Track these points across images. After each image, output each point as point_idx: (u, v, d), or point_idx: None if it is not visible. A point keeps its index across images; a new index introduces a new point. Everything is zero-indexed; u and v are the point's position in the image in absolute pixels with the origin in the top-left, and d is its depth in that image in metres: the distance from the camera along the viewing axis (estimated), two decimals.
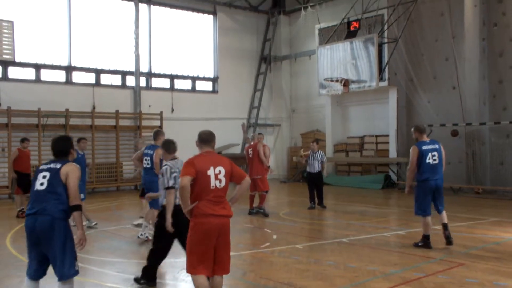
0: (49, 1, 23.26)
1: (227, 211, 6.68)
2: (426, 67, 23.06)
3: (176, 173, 8.22)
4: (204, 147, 6.85)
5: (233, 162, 6.91)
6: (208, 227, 6.49)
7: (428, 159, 11.05)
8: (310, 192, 17.55)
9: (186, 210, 6.55)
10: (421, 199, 11.06)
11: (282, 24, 30.80)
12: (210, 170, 6.54)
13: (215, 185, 6.55)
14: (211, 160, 6.66)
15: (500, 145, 20.97)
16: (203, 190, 6.50)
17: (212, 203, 6.52)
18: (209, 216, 6.49)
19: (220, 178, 6.58)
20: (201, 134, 6.94)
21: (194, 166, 6.48)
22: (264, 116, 30.58)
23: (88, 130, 23.27)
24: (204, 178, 6.50)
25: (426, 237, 11.03)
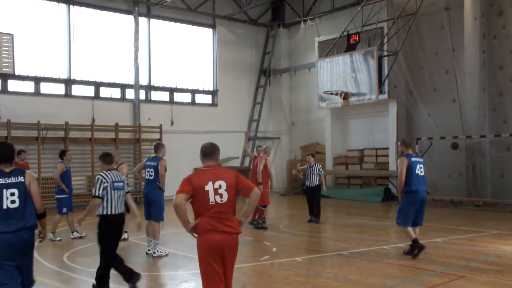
0: (48, 14, 23.32)
1: (232, 227, 6.16)
2: (426, 79, 23.10)
3: (107, 183, 8.75)
4: (206, 160, 6.43)
5: (240, 175, 6.44)
6: (211, 244, 6.03)
7: (417, 171, 11.44)
8: (309, 206, 17.49)
9: (188, 229, 6.23)
10: (407, 210, 11.35)
11: (282, 37, 30.85)
12: (209, 185, 6.11)
13: (215, 200, 6.10)
14: (211, 174, 6.22)
15: (501, 158, 20.95)
16: (203, 206, 6.11)
17: (213, 219, 6.08)
18: (211, 232, 6.06)
19: (220, 193, 6.12)
20: (202, 147, 6.52)
21: (190, 183, 6.11)
22: (263, 129, 30.56)
23: (88, 143, 23.24)
24: (202, 194, 6.10)
25: (414, 241, 11.25)
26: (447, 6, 22.42)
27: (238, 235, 6.23)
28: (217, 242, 6.03)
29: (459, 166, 22.10)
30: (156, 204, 11.98)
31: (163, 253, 11.84)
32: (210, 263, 6.03)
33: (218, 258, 6.06)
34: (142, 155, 24.44)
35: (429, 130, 22.83)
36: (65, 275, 9.97)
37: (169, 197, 13.55)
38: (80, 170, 23.20)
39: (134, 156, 25.02)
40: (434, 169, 22.87)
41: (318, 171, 17.29)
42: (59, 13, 23.61)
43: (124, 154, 24.20)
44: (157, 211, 11.98)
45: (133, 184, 24.33)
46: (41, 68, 23.07)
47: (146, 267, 10.86)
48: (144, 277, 9.99)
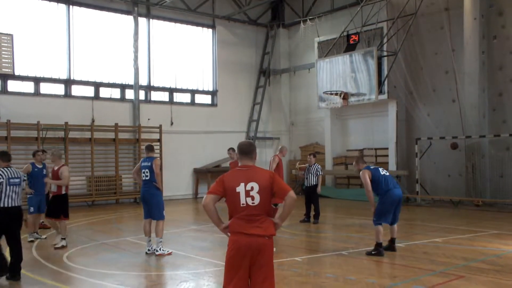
0: (48, 15, 23.32)
1: (263, 230, 5.91)
2: (426, 80, 23.12)
3: (3, 179, 9.58)
4: (244, 160, 6.26)
5: (276, 176, 6.18)
6: (238, 246, 5.84)
7: (382, 171, 11.82)
8: (306, 206, 17.50)
9: (221, 228, 6.06)
10: (386, 208, 11.58)
11: (281, 37, 30.85)
12: (240, 186, 5.92)
13: (246, 203, 5.90)
14: (244, 175, 6.03)
15: (500, 158, 20.96)
16: (234, 207, 5.95)
17: (244, 221, 5.90)
18: (239, 234, 5.88)
19: (252, 195, 5.91)
20: (240, 145, 6.37)
21: (222, 184, 5.98)
22: (263, 129, 30.55)
23: (88, 143, 23.25)
24: (233, 196, 5.93)
25: (379, 245, 11.52)
26: (447, 6, 22.44)
27: (270, 237, 5.99)
28: (245, 244, 5.84)
29: (459, 166, 22.12)
30: (153, 203, 12.00)
31: (166, 252, 11.84)
32: (234, 262, 5.86)
33: (246, 260, 5.85)
34: (142, 156, 24.41)
35: (429, 130, 22.86)
36: (65, 274, 9.98)
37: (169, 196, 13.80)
38: (80, 171, 23.23)
39: (133, 156, 25.00)
40: (433, 169, 22.94)
41: (316, 171, 17.28)
42: (58, 14, 23.61)
43: (123, 154, 24.24)
44: (156, 210, 12.00)
45: (132, 184, 24.34)
46: (41, 68, 23.06)
47: (146, 266, 10.86)
48: (143, 277, 10.01)
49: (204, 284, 9.31)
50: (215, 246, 13.15)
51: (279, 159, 15.28)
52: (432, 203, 22.53)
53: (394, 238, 11.91)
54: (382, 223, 11.61)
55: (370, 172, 11.64)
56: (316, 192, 17.21)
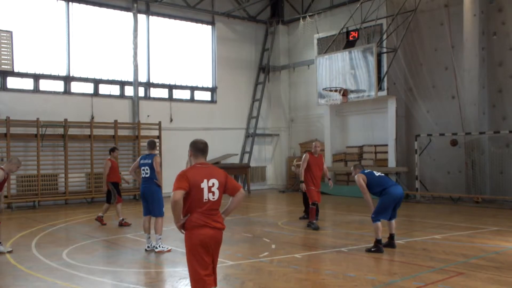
0: (48, 12, 23.30)
1: (220, 224, 6.38)
2: (425, 76, 23.11)
3: None
4: (201, 157, 6.53)
5: (228, 174, 6.62)
6: (202, 238, 6.21)
7: (376, 174, 11.93)
8: (304, 203, 17.49)
9: (179, 224, 6.30)
10: (386, 206, 11.61)
11: (281, 34, 30.84)
12: (204, 183, 6.26)
13: (208, 198, 6.28)
14: (205, 172, 6.36)
15: (500, 154, 20.95)
16: (196, 203, 6.24)
17: (205, 215, 6.25)
18: (203, 227, 6.22)
19: (213, 191, 6.31)
20: (196, 143, 6.59)
21: (187, 179, 6.20)
22: (262, 126, 30.56)
23: (87, 140, 23.25)
24: (197, 191, 6.23)
25: (378, 242, 11.57)
26: (447, 2, 22.43)
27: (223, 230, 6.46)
28: (208, 237, 6.23)
29: (458, 163, 22.11)
30: (154, 200, 12.04)
31: (166, 249, 11.85)
32: (201, 255, 6.22)
33: (207, 251, 6.25)
34: (141, 152, 24.42)
35: (428, 126, 22.85)
36: (64, 271, 9.97)
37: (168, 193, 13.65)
38: (80, 167, 23.24)
39: (133, 153, 25.01)
40: (433, 166, 22.94)
41: None
42: (58, 10, 23.58)
43: (123, 151, 24.23)
44: (156, 207, 12.04)
45: (131, 181, 24.35)
46: (40, 65, 23.05)
47: (145, 263, 10.86)
48: (143, 274, 10.01)
49: None
50: None
51: (310, 156, 15.26)
52: (432, 200, 22.53)
53: (393, 234, 11.92)
54: (381, 219, 11.62)
55: (364, 176, 11.68)
56: None
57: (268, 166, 31.02)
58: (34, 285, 9.11)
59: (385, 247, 11.62)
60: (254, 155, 29.87)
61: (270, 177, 31.05)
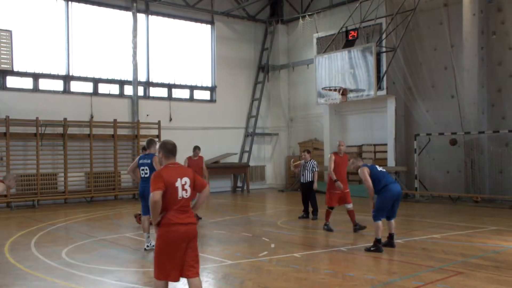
0: (47, 11, 23.29)
1: (192, 219, 6.88)
2: (425, 76, 23.11)
3: None
4: (171, 158, 7.02)
5: (194, 172, 7.15)
6: (177, 235, 6.66)
7: (378, 168, 11.98)
8: (304, 202, 17.51)
9: (156, 222, 6.71)
10: (386, 203, 11.63)
11: (280, 33, 30.84)
12: (178, 182, 6.76)
13: (182, 196, 6.78)
14: (178, 171, 6.86)
15: (499, 154, 20.94)
16: (172, 201, 6.71)
17: (179, 212, 6.73)
18: (177, 225, 6.68)
19: (186, 189, 6.82)
20: (166, 144, 7.07)
21: (162, 180, 6.66)
22: (262, 125, 30.56)
23: (86, 139, 23.25)
24: (172, 190, 6.71)
25: (378, 241, 11.56)
26: (446, 2, 22.43)
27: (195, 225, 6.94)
28: (183, 233, 6.69)
29: (458, 162, 22.11)
30: None
31: (152, 247, 11.85)
32: (173, 250, 6.67)
33: (183, 247, 6.70)
34: (141, 152, 24.42)
35: (428, 126, 22.85)
36: (64, 271, 9.97)
37: None
38: (79, 167, 23.24)
39: (132, 152, 25.01)
40: (432, 165, 22.93)
41: (312, 168, 17.26)
42: (57, 10, 23.57)
43: (122, 150, 24.24)
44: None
45: (131, 180, 24.34)
46: (40, 64, 23.05)
47: (144, 263, 10.85)
48: (141, 273, 10.01)
49: (202, 280, 9.28)
50: (213, 242, 13.15)
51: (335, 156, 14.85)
52: (431, 199, 22.54)
53: (392, 233, 11.93)
54: (381, 219, 11.62)
55: (368, 170, 11.67)
56: (313, 189, 17.19)
57: (268, 165, 31.02)
58: (34, 284, 9.12)
59: (385, 246, 11.63)
60: (254, 154, 29.87)
61: (269, 177, 31.05)
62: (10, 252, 11.97)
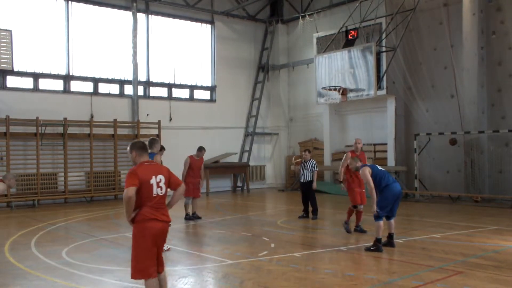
0: (47, 11, 23.29)
1: (167, 217, 7.09)
2: (425, 75, 23.12)
3: None
4: (144, 155, 7.18)
5: (170, 170, 7.36)
6: (153, 231, 6.86)
7: (379, 167, 12.01)
8: (303, 202, 17.50)
9: (130, 218, 6.87)
10: (387, 202, 11.63)
11: (280, 33, 30.85)
12: (153, 179, 6.93)
13: (157, 193, 6.96)
14: (153, 169, 7.04)
15: (499, 154, 20.96)
16: (147, 198, 6.88)
17: (154, 209, 6.91)
18: (153, 220, 6.86)
19: (161, 186, 7.01)
20: (137, 143, 7.25)
21: (137, 177, 6.81)
22: (262, 125, 30.56)
23: (86, 138, 23.24)
24: (147, 187, 6.87)
25: (378, 241, 11.56)
26: (446, 1, 22.44)
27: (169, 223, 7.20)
28: (158, 229, 6.91)
29: (458, 162, 22.12)
30: None
31: (165, 248, 11.85)
32: (149, 246, 6.85)
33: (154, 242, 6.89)
34: None
35: (428, 126, 22.86)
36: (64, 270, 9.97)
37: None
38: (79, 166, 23.24)
39: None
40: (432, 165, 22.94)
41: (311, 167, 17.25)
42: (57, 9, 23.57)
43: (122, 150, 24.22)
44: None
45: None
46: (40, 64, 23.04)
47: None
48: None
49: (203, 280, 9.32)
50: (213, 242, 13.16)
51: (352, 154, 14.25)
52: (431, 199, 22.54)
53: (392, 233, 11.93)
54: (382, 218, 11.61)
55: (370, 169, 11.66)
56: (312, 188, 17.18)
57: (267, 165, 31.03)
58: (34, 284, 9.12)
59: (384, 246, 11.63)
60: (254, 154, 29.87)
61: (269, 176, 31.04)
62: (10, 251, 11.98)
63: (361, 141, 14.99)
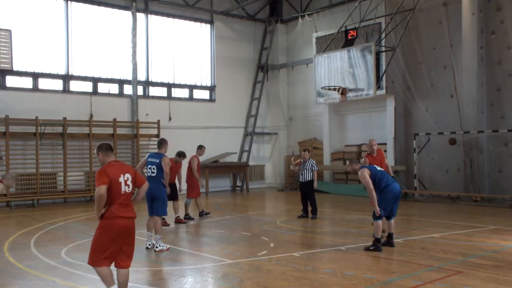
0: (47, 10, 23.28)
1: (133, 213, 7.51)
2: (424, 75, 23.13)
3: None
4: (111, 155, 7.62)
5: (135, 169, 7.91)
6: (118, 227, 7.25)
7: (378, 168, 12.01)
8: (303, 201, 17.49)
9: (99, 215, 7.26)
10: (387, 202, 11.62)
11: (279, 32, 30.85)
12: (121, 177, 7.38)
13: (125, 190, 7.40)
14: (120, 168, 7.49)
15: (498, 153, 20.97)
16: (115, 195, 7.29)
17: (122, 206, 7.34)
18: (120, 218, 7.27)
19: (128, 184, 7.47)
20: (102, 145, 7.66)
21: (107, 175, 7.23)
22: (261, 125, 30.56)
23: (86, 138, 23.23)
24: (116, 185, 7.31)
25: (378, 240, 11.57)
26: (445, 1, 22.45)
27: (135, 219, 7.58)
28: (123, 226, 7.31)
29: (457, 162, 22.13)
30: (160, 199, 12.17)
31: (165, 248, 11.87)
32: (113, 241, 7.26)
33: (122, 239, 7.32)
34: (140, 151, 24.49)
35: (427, 125, 22.86)
36: (63, 270, 9.98)
37: None
38: (79, 166, 23.23)
39: (132, 151, 25.01)
40: (432, 165, 22.96)
41: (311, 167, 17.24)
42: (57, 9, 23.57)
43: (122, 150, 24.23)
44: (161, 206, 12.18)
45: None
46: (39, 64, 23.03)
47: (144, 262, 10.86)
48: (143, 272, 10.02)
49: (202, 280, 9.32)
50: (213, 242, 13.16)
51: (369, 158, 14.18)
52: (430, 199, 22.54)
53: (391, 233, 11.94)
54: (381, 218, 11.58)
55: (369, 171, 11.63)
56: (312, 188, 17.15)
57: (267, 164, 31.03)
58: (33, 284, 9.12)
59: (384, 246, 11.63)
60: (253, 153, 29.87)
61: (268, 176, 31.05)
62: (10, 251, 11.97)
63: (375, 142, 14.84)
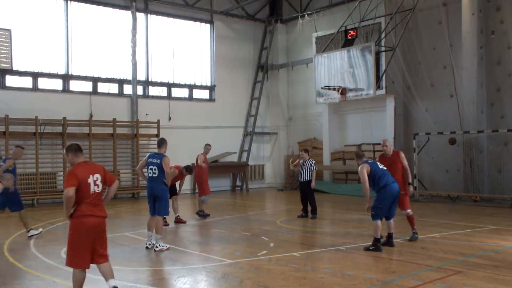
0: (46, 10, 23.28)
1: (103, 212, 7.77)
2: (424, 75, 23.13)
3: None
4: (80, 156, 7.80)
5: (105, 168, 7.98)
6: (89, 226, 7.48)
7: (380, 166, 11.85)
8: (302, 201, 17.49)
9: (68, 214, 7.46)
10: (385, 203, 11.59)
11: (279, 32, 30.85)
12: (90, 178, 7.56)
13: (94, 190, 7.59)
14: (89, 169, 7.66)
15: (498, 153, 20.97)
16: (84, 195, 7.48)
17: (92, 205, 7.55)
18: (89, 216, 7.49)
19: (97, 184, 7.64)
20: (72, 146, 7.82)
21: (76, 177, 7.42)
22: (261, 124, 30.56)
23: (86, 138, 23.22)
24: (85, 186, 7.49)
25: (377, 240, 11.57)
26: (445, 1, 22.46)
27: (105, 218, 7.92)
28: (95, 224, 7.58)
29: (457, 162, 22.13)
30: (162, 199, 12.13)
31: (165, 247, 11.87)
32: (85, 240, 7.47)
33: (93, 237, 7.55)
34: (140, 150, 24.49)
35: (427, 125, 22.86)
36: (63, 270, 9.94)
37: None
38: None
39: (131, 151, 25.00)
40: (431, 165, 22.94)
41: (310, 167, 17.24)
42: (57, 9, 23.58)
43: (121, 149, 24.23)
44: (163, 206, 12.15)
45: (130, 179, 24.37)
46: (39, 63, 23.04)
47: (144, 261, 10.87)
48: (142, 272, 10.02)
49: (202, 279, 9.32)
50: (213, 242, 13.17)
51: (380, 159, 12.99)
52: (430, 199, 22.54)
53: (391, 233, 11.93)
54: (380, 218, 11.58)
55: (369, 167, 11.58)
56: (311, 188, 17.17)
57: (267, 164, 31.03)
58: (33, 284, 9.12)
59: (384, 245, 11.63)
60: (253, 153, 29.88)
61: (268, 176, 31.05)
62: (9, 251, 11.97)
63: (388, 143, 13.20)
